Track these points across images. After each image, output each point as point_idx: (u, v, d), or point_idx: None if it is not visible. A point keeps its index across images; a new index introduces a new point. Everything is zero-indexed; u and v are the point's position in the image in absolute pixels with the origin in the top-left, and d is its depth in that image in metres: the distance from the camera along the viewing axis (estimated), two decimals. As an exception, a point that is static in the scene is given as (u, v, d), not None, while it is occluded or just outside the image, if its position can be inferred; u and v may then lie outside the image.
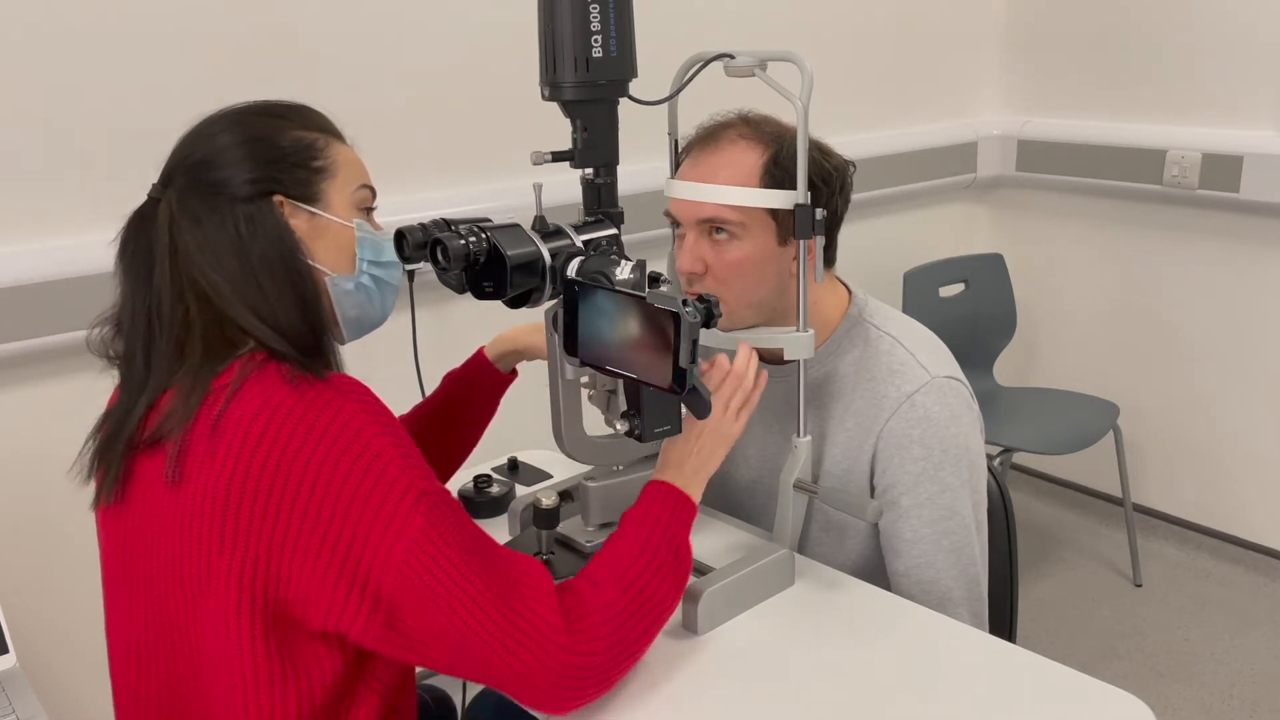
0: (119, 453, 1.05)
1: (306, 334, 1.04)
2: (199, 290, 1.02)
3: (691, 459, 1.18)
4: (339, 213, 1.09)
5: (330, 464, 0.95)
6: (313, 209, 1.07)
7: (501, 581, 0.98)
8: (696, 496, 1.16)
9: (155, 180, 1.08)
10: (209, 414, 0.99)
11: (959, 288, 3.01)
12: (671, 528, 1.11)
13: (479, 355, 1.43)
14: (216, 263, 1.02)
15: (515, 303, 1.16)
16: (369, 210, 1.14)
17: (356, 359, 1.15)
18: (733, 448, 1.50)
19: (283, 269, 1.04)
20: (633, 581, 1.05)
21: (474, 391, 1.42)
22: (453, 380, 1.43)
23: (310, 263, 1.06)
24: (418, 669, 1.12)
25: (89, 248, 1.84)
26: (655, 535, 1.10)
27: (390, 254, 1.15)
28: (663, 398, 1.12)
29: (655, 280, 1.14)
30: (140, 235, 1.06)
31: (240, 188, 1.04)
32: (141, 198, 1.08)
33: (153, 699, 1.07)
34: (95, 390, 1.99)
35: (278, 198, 1.05)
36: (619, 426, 1.21)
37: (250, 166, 1.04)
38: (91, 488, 1.10)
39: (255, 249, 1.03)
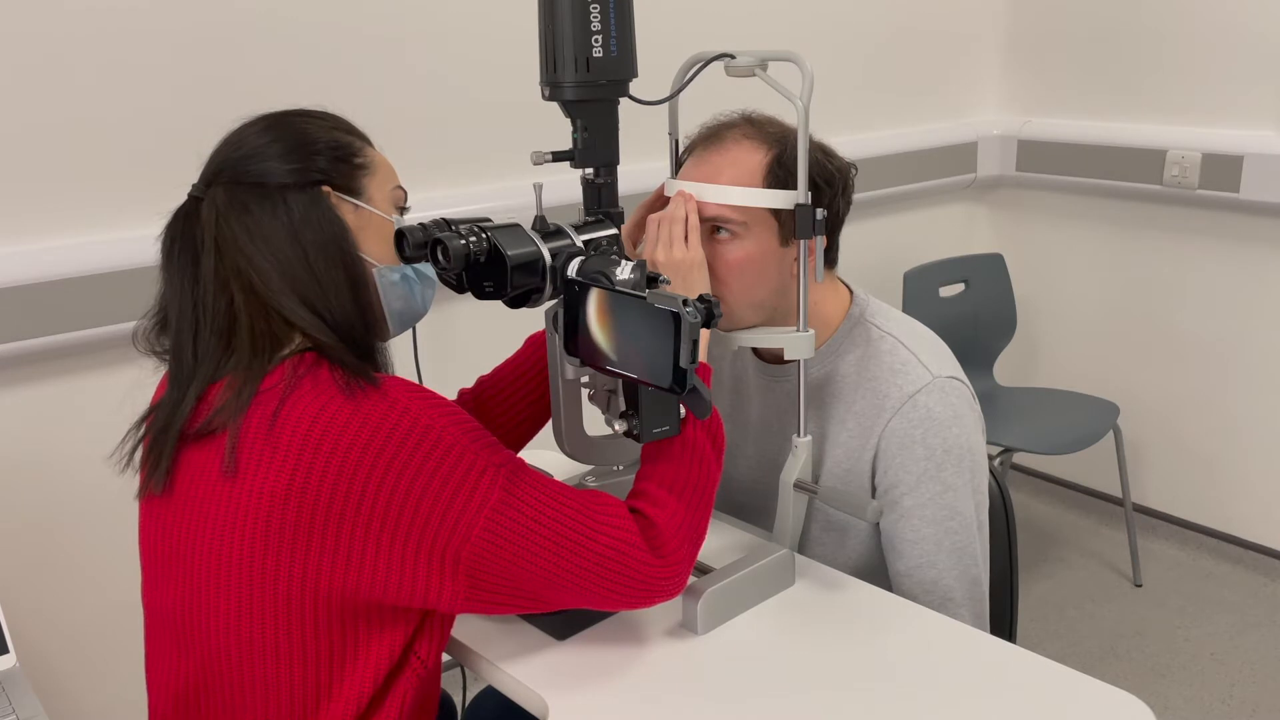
0: (170, 444, 1.06)
1: (357, 323, 1.07)
2: (244, 280, 1.05)
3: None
4: (380, 208, 1.12)
5: (402, 460, 0.98)
6: (357, 202, 1.10)
7: (584, 526, 1.05)
8: (702, 352, 1.16)
9: (194, 181, 1.09)
10: (263, 411, 1.00)
11: (959, 288, 3.01)
12: (706, 418, 1.14)
13: None
14: (267, 249, 1.04)
15: (515, 303, 1.16)
16: (403, 210, 1.16)
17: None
18: (733, 447, 1.51)
19: (337, 253, 1.07)
20: (685, 486, 1.12)
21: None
22: (532, 340, 1.42)
23: (359, 253, 1.09)
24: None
25: (89, 247, 1.84)
26: (686, 429, 1.14)
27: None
28: (661, 397, 1.12)
29: (655, 280, 1.14)
30: (185, 232, 1.08)
31: (288, 177, 1.06)
32: (145, 198, 1.09)
33: (189, 680, 1.08)
34: (96, 390, 1.99)
35: (325, 188, 1.08)
36: (617, 426, 1.21)
37: (297, 159, 1.07)
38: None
39: (309, 234, 1.05)
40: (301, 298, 1.04)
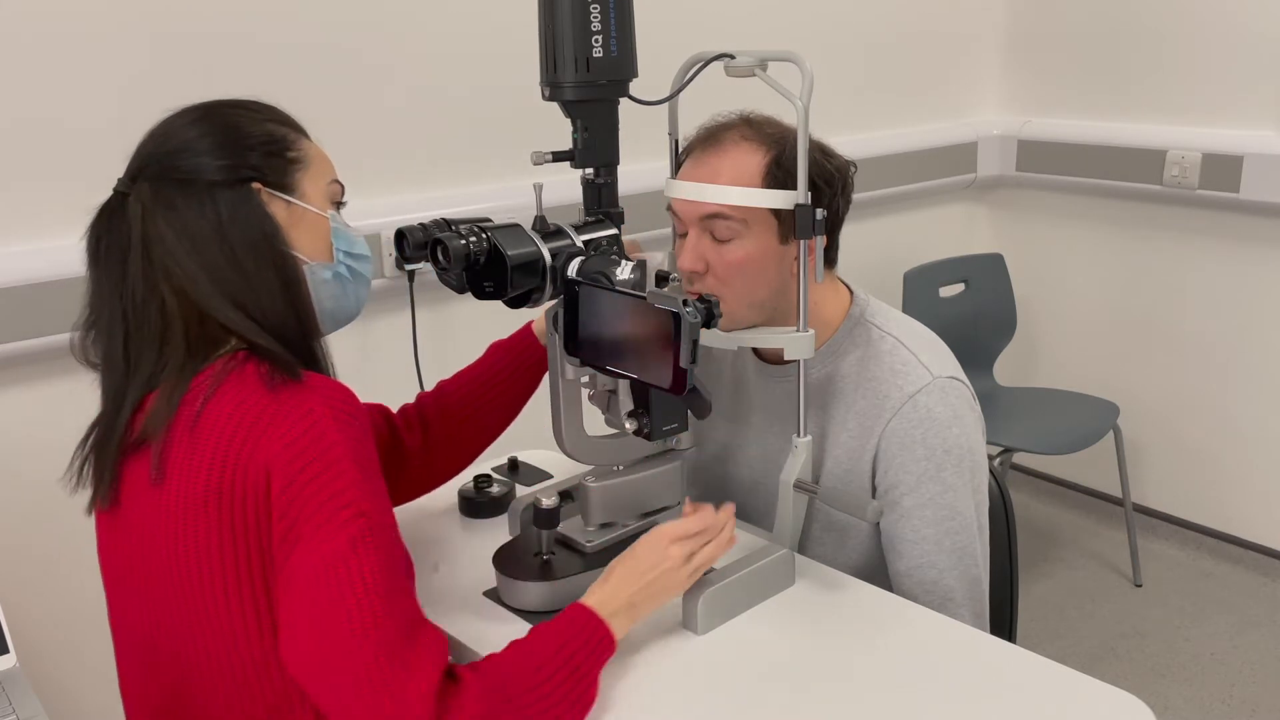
0: (111, 456, 1.04)
1: (291, 322, 1.03)
2: (174, 283, 1.01)
3: (632, 590, 1.10)
4: (314, 203, 1.08)
5: (284, 463, 0.94)
6: (289, 198, 1.06)
7: (397, 631, 0.93)
8: (620, 632, 1.08)
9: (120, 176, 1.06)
10: (188, 413, 0.98)
11: (959, 288, 3.01)
12: (578, 657, 1.03)
13: (526, 328, 1.41)
14: (195, 250, 1.00)
15: (515, 303, 1.16)
16: (339, 205, 1.13)
17: (356, 358, 1.15)
18: (733, 447, 1.51)
19: (268, 252, 1.03)
20: (516, 696, 0.97)
21: (518, 362, 1.40)
22: (498, 349, 1.41)
23: (290, 250, 1.05)
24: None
25: (89, 248, 1.84)
26: (557, 659, 1.01)
27: (362, 247, 1.14)
28: (672, 396, 1.12)
29: (660, 279, 1.14)
30: (111, 230, 1.04)
31: (218, 173, 1.02)
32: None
33: (161, 700, 1.07)
34: (97, 391, 1.98)
35: (256, 184, 1.04)
36: (628, 425, 1.21)
37: (227, 154, 1.03)
38: (85, 493, 1.09)
39: (237, 233, 1.01)
40: (232, 299, 1.01)
